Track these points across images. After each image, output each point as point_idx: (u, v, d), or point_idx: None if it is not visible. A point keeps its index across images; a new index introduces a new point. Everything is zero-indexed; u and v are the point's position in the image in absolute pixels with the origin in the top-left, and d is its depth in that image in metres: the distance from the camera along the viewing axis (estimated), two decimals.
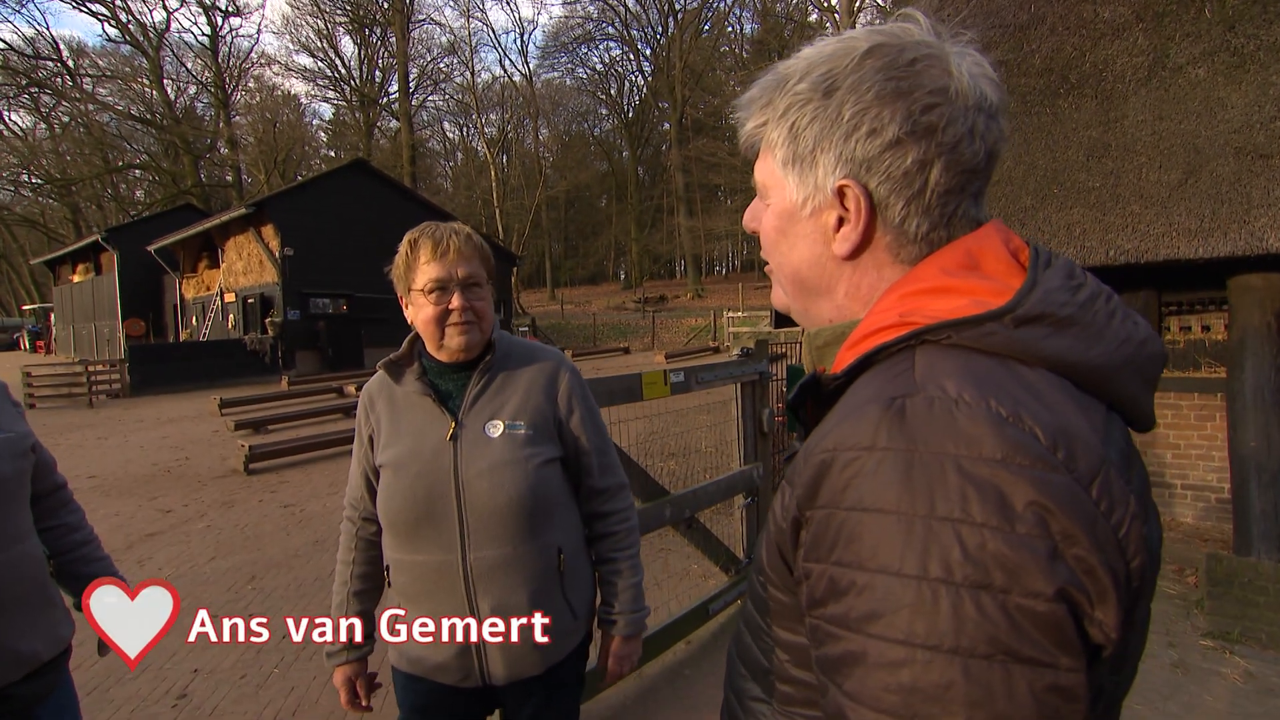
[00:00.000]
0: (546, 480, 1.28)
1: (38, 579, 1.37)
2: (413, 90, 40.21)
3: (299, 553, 4.71)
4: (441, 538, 1.23)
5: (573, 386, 1.36)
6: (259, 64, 48.99)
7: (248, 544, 4.96)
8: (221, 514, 5.79)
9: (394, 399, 1.33)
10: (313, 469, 7.36)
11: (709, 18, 39.51)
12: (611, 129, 48.99)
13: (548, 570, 1.27)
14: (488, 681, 1.28)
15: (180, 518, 5.73)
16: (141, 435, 10.14)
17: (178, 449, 8.86)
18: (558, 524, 1.30)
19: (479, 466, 1.24)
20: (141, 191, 42.02)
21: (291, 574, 4.34)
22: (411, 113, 39.76)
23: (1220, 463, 4.70)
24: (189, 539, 5.14)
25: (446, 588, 1.24)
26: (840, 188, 0.59)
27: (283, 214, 18.45)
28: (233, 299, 20.43)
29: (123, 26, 35.59)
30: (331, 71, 41.35)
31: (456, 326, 1.26)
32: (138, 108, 37.33)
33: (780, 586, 0.58)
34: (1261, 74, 5.03)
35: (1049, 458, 0.45)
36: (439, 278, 1.24)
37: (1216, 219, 4.60)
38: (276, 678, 3.06)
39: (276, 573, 4.37)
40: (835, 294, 0.64)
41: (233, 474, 7.27)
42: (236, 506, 6.01)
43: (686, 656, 3.04)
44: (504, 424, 1.27)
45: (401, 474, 1.26)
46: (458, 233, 1.28)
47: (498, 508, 1.22)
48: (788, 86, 0.62)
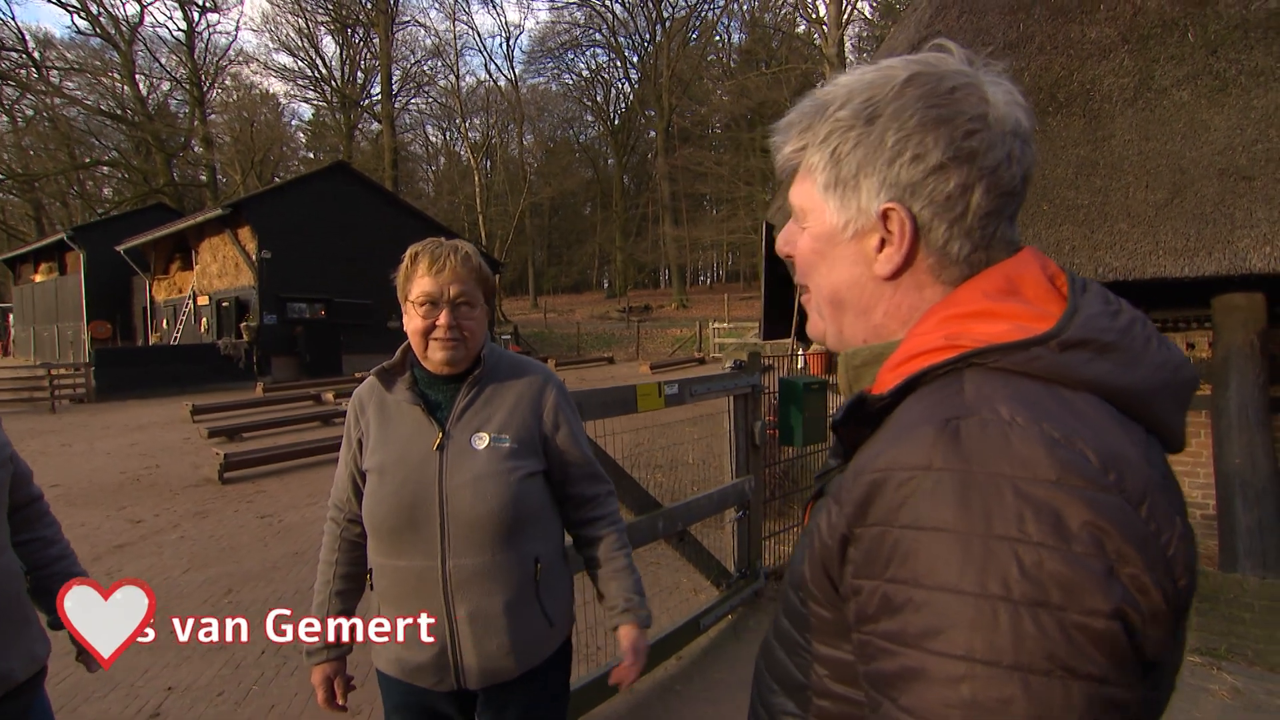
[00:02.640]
0: (527, 493, 1.32)
1: (13, 595, 1.34)
2: (395, 93, 40.08)
3: (278, 565, 4.65)
4: (423, 544, 1.28)
5: (559, 402, 1.41)
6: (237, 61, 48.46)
7: (223, 556, 4.88)
8: (195, 524, 5.69)
9: (384, 405, 1.38)
10: (290, 478, 7.27)
11: (697, 26, 39.94)
12: (597, 136, 49.22)
13: (524, 578, 1.32)
14: (463, 684, 1.32)
15: (151, 528, 5.62)
16: (109, 442, 9.94)
17: (147, 457, 8.70)
18: (536, 534, 1.35)
19: (463, 477, 1.28)
20: (110, 189, 41.23)
21: (270, 587, 4.27)
22: (394, 115, 39.59)
23: (1205, 479, 4.81)
24: (161, 550, 5.04)
25: (426, 593, 1.28)
26: (885, 211, 0.62)
27: (261, 216, 18.27)
28: (206, 302, 20.15)
29: (93, 19, 35.03)
30: (312, 71, 41.10)
31: (439, 342, 1.31)
32: (107, 103, 36.65)
33: (823, 602, 0.60)
34: (1243, 98, 5.20)
35: (1102, 479, 0.47)
36: (430, 293, 1.30)
37: (1201, 239, 4.74)
38: (256, 694, 3.02)
39: (255, 585, 4.30)
40: (873, 314, 0.66)
41: (206, 483, 7.15)
42: (211, 517, 5.92)
43: (678, 672, 3.04)
44: (489, 437, 1.32)
45: (387, 480, 1.31)
46: (457, 251, 1.33)
47: (479, 517, 1.27)
48: (828, 113, 0.65)
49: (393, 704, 1.40)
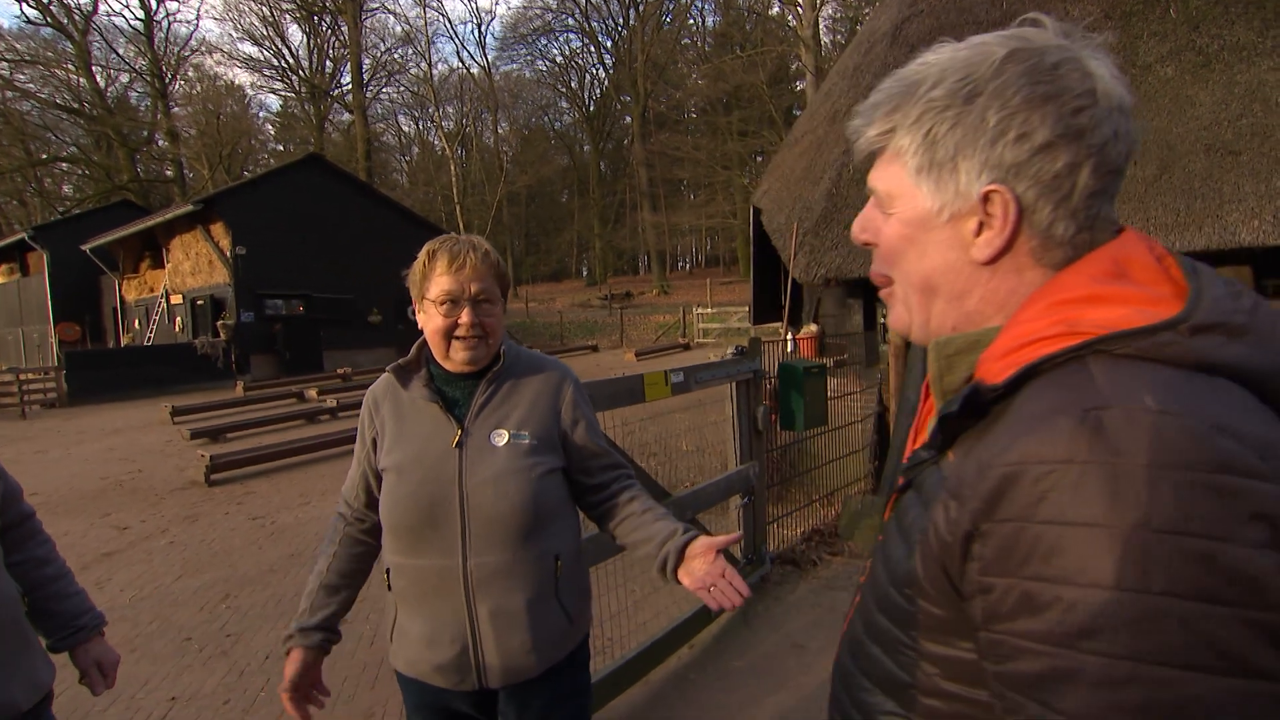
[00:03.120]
0: (547, 490, 1.33)
1: (10, 621, 1.30)
2: (366, 82, 39.30)
3: (274, 567, 4.58)
4: (443, 543, 1.28)
5: (576, 398, 1.42)
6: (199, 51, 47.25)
7: (217, 560, 4.80)
8: (185, 529, 5.59)
9: (400, 404, 1.37)
10: (280, 479, 7.16)
11: (670, 9, 39.59)
12: (572, 123, 48.77)
13: (545, 576, 1.33)
14: (484, 684, 1.32)
15: (139, 534, 5.51)
16: (85, 447, 9.72)
17: (128, 461, 8.52)
18: (556, 532, 1.35)
19: (483, 475, 1.29)
20: (70, 186, 39.98)
21: (268, 590, 4.21)
22: (365, 105, 38.84)
23: None
24: (151, 557, 4.95)
25: (446, 592, 1.29)
26: (986, 193, 0.60)
27: (233, 211, 17.88)
28: (180, 301, 19.73)
29: (44, 8, 33.69)
30: (279, 61, 40.13)
31: (463, 341, 1.30)
32: (63, 96, 35.32)
33: (937, 600, 0.59)
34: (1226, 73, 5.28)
35: (1261, 468, 0.46)
36: (451, 291, 1.29)
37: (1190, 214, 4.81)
38: (264, 700, 2.97)
39: (252, 590, 4.24)
40: (967, 300, 0.65)
41: (193, 486, 7.03)
42: (201, 521, 5.81)
43: (691, 660, 3.05)
44: (509, 433, 1.32)
45: (406, 479, 1.31)
46: (476, 248, 1.32)
47: (500, 515, 1.27)
48: (920, 93, 0.63)
49: (412, 704, 1.40)
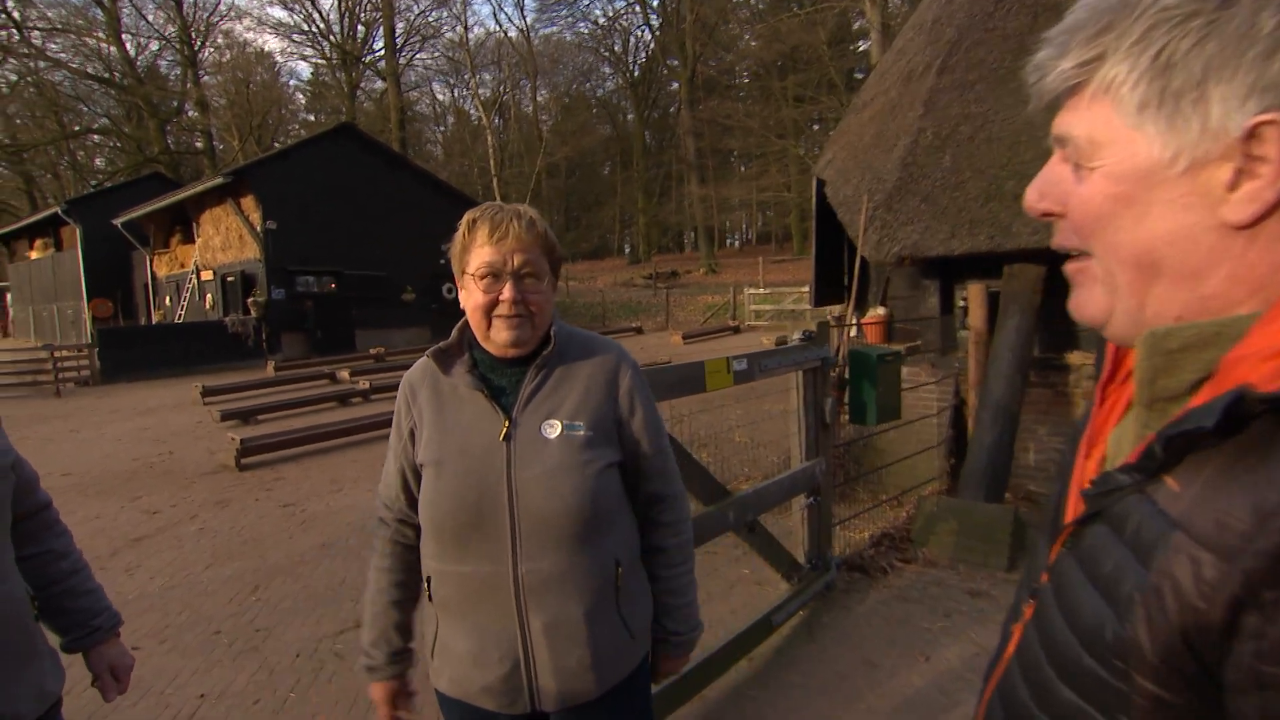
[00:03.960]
0: (606, 486, 1.27)
1: (19, 625, 1.27)
2: (399, 47, 39.74)
3: (305, 558, 4.64)
4: (491, 547, 1.23)
5: (635, 384, 1.36)
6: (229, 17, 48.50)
7: (247, 549, 4.89)
8: (215, 515, 5.73)
9: (440, 391, 1.32)
10: (310, 464, 7.29)
11: None
12: (616, 90, 48.45)
13: (604, 584, 1.28)
14: (537, 706, 1.27)
15: (169, 519, 5.67)
16: (117, 427, 10.09)
17: (160, 442, 8.81)
18: (615, 534, 1.31)
19: (534, 470, 1.23)
20: (102, 159, 41.66)
21: (299, 582, 4.26)
22: (399, 72, 39.32)
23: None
24: (181, 543, 5.07)
25: (495, 601, 1.24)
26: (1254, 128, 0.48)
27: (264, 184, 18.30)
28: (210, 277, 20.34)
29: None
30: (309, 26, 40.89)
31: (504, 320, 1.25)
32: (94, 65, 36.77)
33: (1169, 683, 0.47)
34: None
35: None
36: (491, 263, 1.23)
37: None
38: (294, 702, 2.99)
39: (283, 581, 4.30)
40: (1206, 279, 0.52)
41: (223, 470, 7.22)
42: (231, 506, 5.96)
43: (750, 675, 2.96)
44: (562, 424, 1.26)
45: (448, 475, 1.25)
46: (520, 216, 1.26)
47: (554, 515, 1.22)
48: (1142, 5, 0.51)
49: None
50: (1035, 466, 4.84)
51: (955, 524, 4.03)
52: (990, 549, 3.88)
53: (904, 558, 4.00)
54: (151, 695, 3.07)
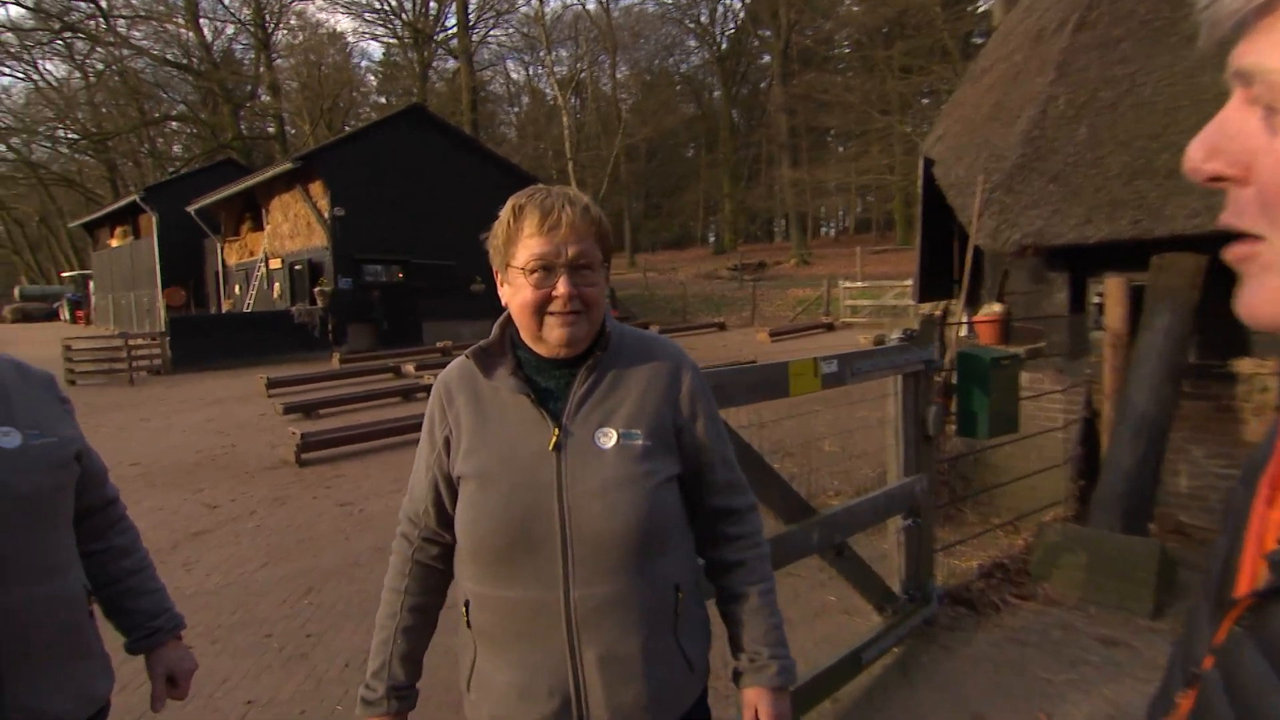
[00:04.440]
0: (666, 503, 1.25)
1: (73, 623, 1.32)
2: (472, 24, 40.79)
3: (359, 561, 4.78)
4: (539, 570, 1.20)
5: (696, 388, 1.33)
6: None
7: (303, 548, 5.08)
8: (272, 512, 5.99)
9: (480, 395, 1.30)
10: (370, 461, 7.54)
11: None
12: (701, 64, 48.33)
13: (663, 611, 1.25)
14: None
15: (228, 514, 5.96)
16: (185, 417, 10.74)
17: (224, 434, 9.32)
18: (675, 555, 1.28)
19: (589, 484, 1.20)
20: (179, 146, 44.76)
21: (353, 586, 4.39)
22: (471, 50, 40.37)
23: None
24: (238, 540, 5.32)
25: (543, 631, 1.21)
26: None
27: (332, 169, 19.12)
28: (278, 265, 21.41)
29: None
30: (380, 3, 42.43)
31: (559, 317, 1.22)
32: (173, 51, 39.73)
33: None
34: None
35: None
36: (543, 255, 1.20)
37: None
38: (340, 716, 3.05)
39: (336, 583, 4.44)
40: None
41: (283, 465, 7.55)
42: (289, 503, 6.22)
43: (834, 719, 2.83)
44: (617, 433, 1.24)
45: (491, 489, 1.23)
46: (573, 202, 1.23)
47: (612, 535, 1.19)
48: None
49: None
50: (1189, 494, 4.47)
51: (1085, 557, 3.76)
52: (1129, 589, 3.59)
53: (1020, 593, 3.77)
54: (200, 698, 3.19)
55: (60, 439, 1.35)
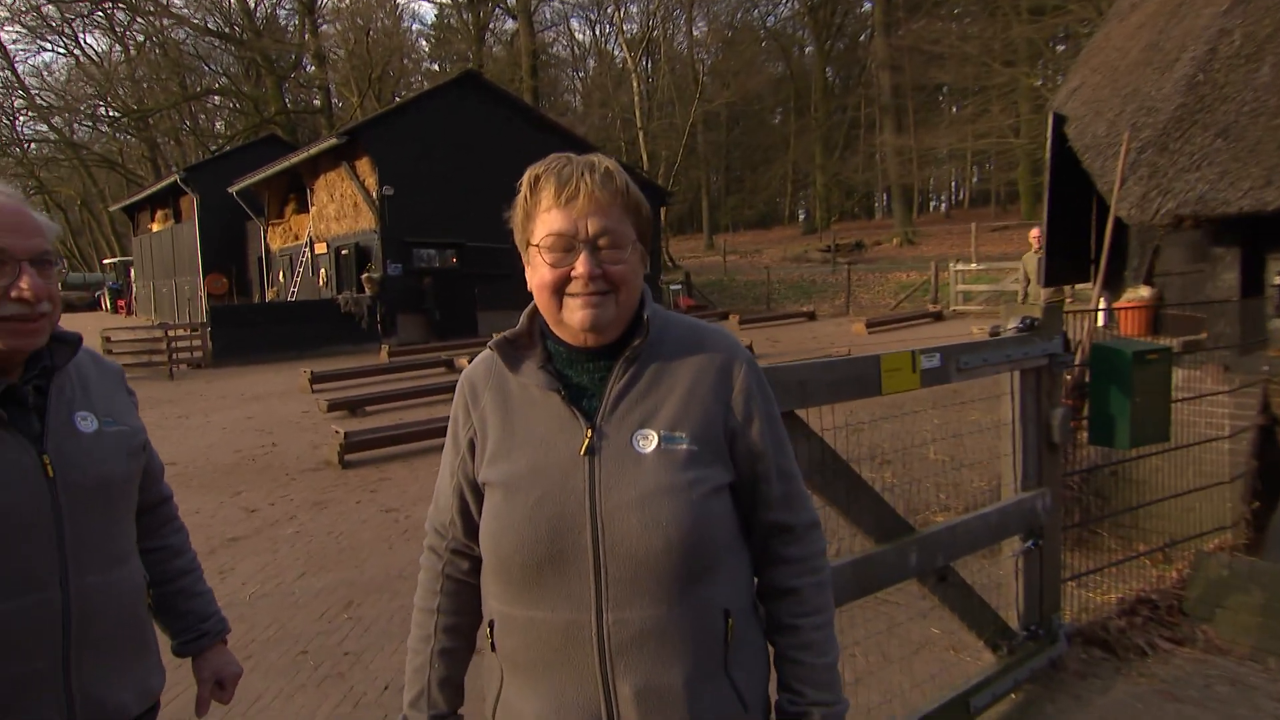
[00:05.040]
0: (715, 516, 1.24)
1: (135, 615, 1.45)
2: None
3: (404, 573, 4.89)
4: (570, 589, 1.21)
5: (752, 385, 1.32)
6: None
7: (344, 558, 5.24)
8: (313, 517, 6.20)
9: (507, 393, 1.32)
10: (418, 463, 7.74)
11: None
12: (790, 16, 47.74)
13: (711, 641, 1.24)
14: None
15: (266, 519, 6.20)
16: (224, 414, 11.25)
17: (264, 433, 9.72)
18: (726, 576, 1.27)
19: (626, 494, 1.20)
20: (221, 122, 47.00)
21: (397, 600, 4.50)
22: (531, 9, 40.92)
23: None
24: (276, 547, 5.52)
25: (574, 658, 1.21)
26: None
27: (379, 144, 19.71)
28: (324, 250, 22.21)
29: None
30: None
31: (579, 299, 1.22)
32: (215, 19, 41.77)
33: None
34: None
35: None
36: (561, 231, 1.22)
37: None
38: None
39: (377, 599, 4.55)
40: None
41: (325, 466, 7.82)
42: (330, 508, 6.42)
43: None
44: (658, 435, 1.24)
45: (518, 498, 1.23)
46: (593, 169, 1.24)
47: (652, 553, 1.18)
48: None
49: None
50: None
51: (1261, 596, 3.54)
52: None
53: (1173, 636, 3.58)
54: (233, 716, 3.31)
55: (131, 428, 1.49)
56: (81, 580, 1.32)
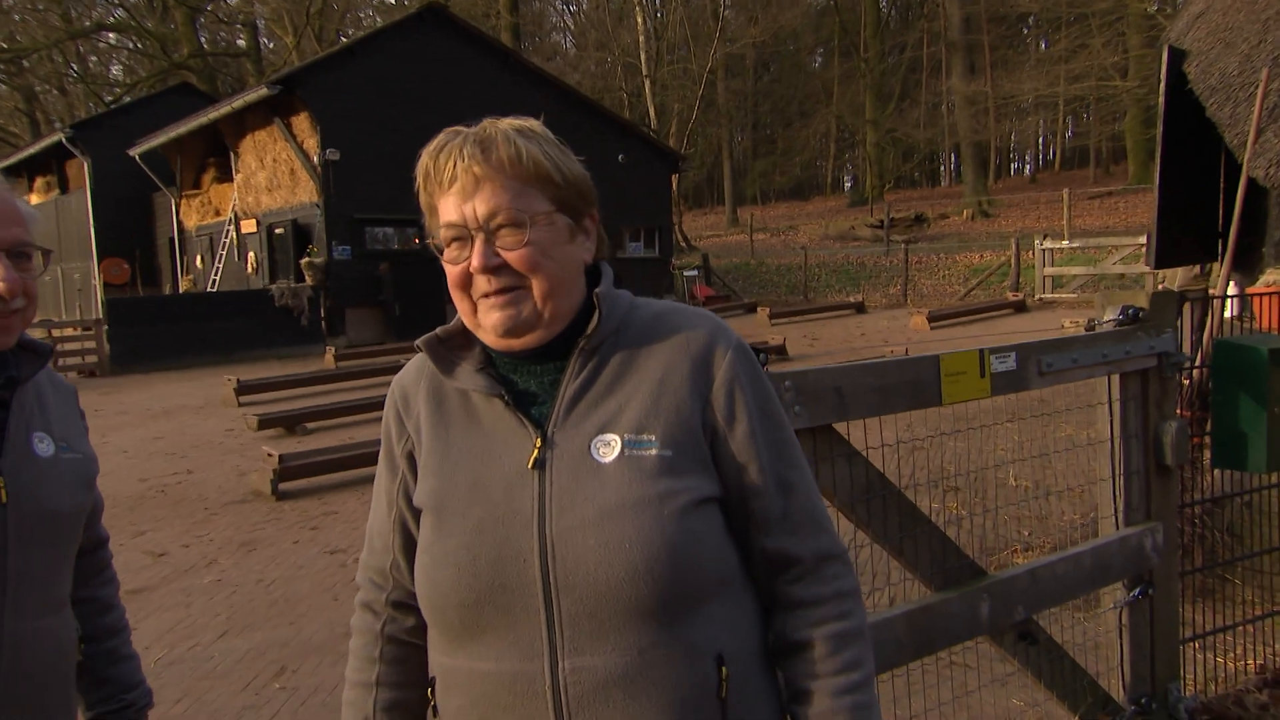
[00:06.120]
0: (695, 536, 1.23)
1: (64, 673, 1.50)
2: None
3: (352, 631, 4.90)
4: (516, 633, 1.22)
5: (738, 374, 1.32)
6: None
7: (276, 613, 5.26)
8: (238, 561, 6.22)
9: (442, 399, 1.36)
10: (371, 492, 7.71)
11: None
12: None
13: (698, 695, 1.23)
14: None
15: (178, 565, 6.22)
16: (125, 434, 11.28)
17: (177, 456, 9.74)
18: (718, 614, 1.27)
19: (582, 513, 1.21)
20: (119, 66, 46.81)
21: (341, 666, 4.41)
22: None
23: None
24: (190, 601, 5.54)
25: (525, 716, 1.21)
26: None
27: (322, 96, 19.81)
28: (253, 229, 22.32)
29: None
30: None
31: (487, 300, 1.26)
32: None
33: None
34: None
35: None
36: (449, 220, 1.27)
37: None
38: None
39: (318, 663, 4.57)
40: None
41: (255, 498, 7.85)
42: (260, 550, 6.44)
43: None
44: (621, 440, 1.25)
45: (452, 523, 1.25)
46: (483, 140, 1.26)
47: (612, 583, 1.18)
48: None
49: None
50: None
51: None
52: None
53: None
54: None
55: (85, 456, 1.56)
56: (17, 625, 1.37)
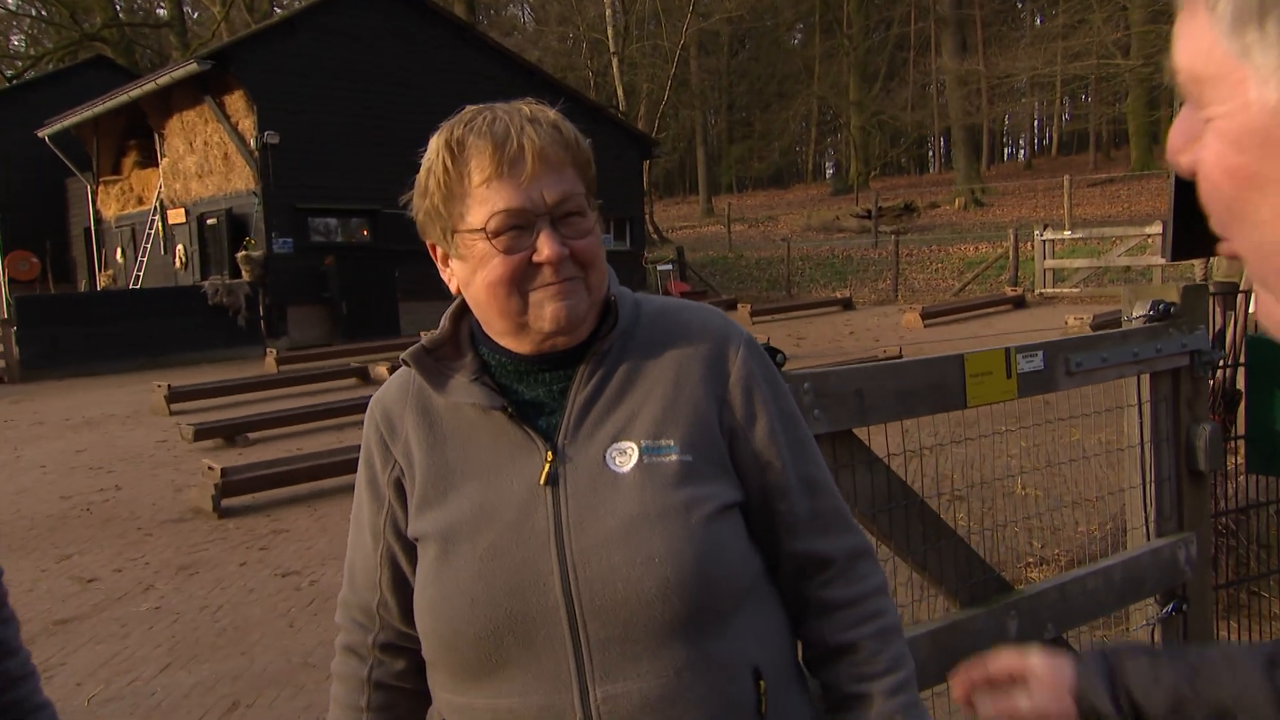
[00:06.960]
0: (724, 545, 1.26)
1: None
2: None
3: (311, 660, 4.87)
4: (542, 664, 1.23)
5: (752, 371, 1.36)
6: None
7: (225, 642, 5.19)
8: (178, 586, 6.13)
9: (433, 417, 1.36)
10: (325, 507, 7.73)
11: None
12: None
13: (737, 712, 1.26)
14: None
15: (110, 591, 6.12)
16: (42, 447, 11.08)
17: (103, 472, 9.57)
18: (749, 627, 1.30)
19: (604, 527, 1.23)
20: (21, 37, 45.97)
21: (301, 699, 4.47)
22: None
23: None
24: (127, 630, 5.45)
25: None
26: None
27: (258, 73, 19.61)
28: (181, 219, 22.03)
29: None
30: None
31: (549, 289, 1.25)
32: None
33: None
34: None
35: None
36: (511, 206, 1.23)
37: None
38: None
39: (274, 696, 4.52)
40: None
41: (194, 515, 7.74)
42: (203, 573, 6.35)
43: None
44: (638, 447, 1.27)
45: (461, 551, 1.26)
46: (536, 121, 1.26)
47: (644, 600, 1.20)
48: None
49: None
50: None
51: None
52: None
53: None
54: None
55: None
56: None
